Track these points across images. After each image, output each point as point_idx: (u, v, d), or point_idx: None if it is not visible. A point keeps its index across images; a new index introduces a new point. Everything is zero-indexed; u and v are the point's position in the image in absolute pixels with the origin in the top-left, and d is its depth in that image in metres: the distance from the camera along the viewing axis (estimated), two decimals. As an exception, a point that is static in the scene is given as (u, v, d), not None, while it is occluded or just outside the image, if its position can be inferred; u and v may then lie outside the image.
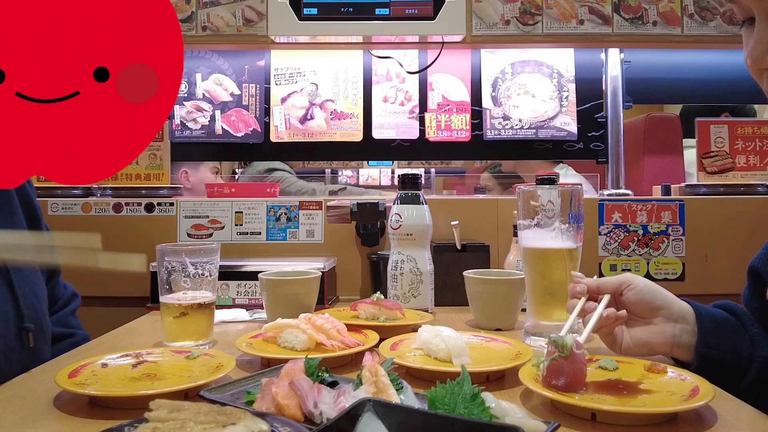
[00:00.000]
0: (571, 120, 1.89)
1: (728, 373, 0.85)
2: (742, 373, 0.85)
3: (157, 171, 1.66)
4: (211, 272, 1.05)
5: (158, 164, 1.66)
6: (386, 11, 1.64)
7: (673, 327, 0.89)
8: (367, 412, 0.53)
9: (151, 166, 1.66)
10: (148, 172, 1.66)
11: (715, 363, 0.85)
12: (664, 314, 0.90)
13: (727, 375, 0.84)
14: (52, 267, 1.20)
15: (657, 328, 0.89)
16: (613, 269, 1.55)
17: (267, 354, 0.91)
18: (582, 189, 1.02)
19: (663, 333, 0.89)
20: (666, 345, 0.89)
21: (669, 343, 0.89)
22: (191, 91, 1.92)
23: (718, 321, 0.89)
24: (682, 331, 0.89)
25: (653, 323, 0.90)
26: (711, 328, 0.87)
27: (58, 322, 1.19)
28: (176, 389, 0.74)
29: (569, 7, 1.73)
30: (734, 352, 0.86)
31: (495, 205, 1.57)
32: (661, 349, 0.89)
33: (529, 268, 1.04)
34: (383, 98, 1.93)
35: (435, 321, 1.14)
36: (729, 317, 0.90)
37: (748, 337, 0.88)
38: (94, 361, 0.85)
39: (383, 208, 1.49)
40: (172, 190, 1.66)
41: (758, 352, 0.85)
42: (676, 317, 0.89)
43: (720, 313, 0.91)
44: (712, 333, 0.87)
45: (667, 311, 0.90)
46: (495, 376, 0.84)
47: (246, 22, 1.72)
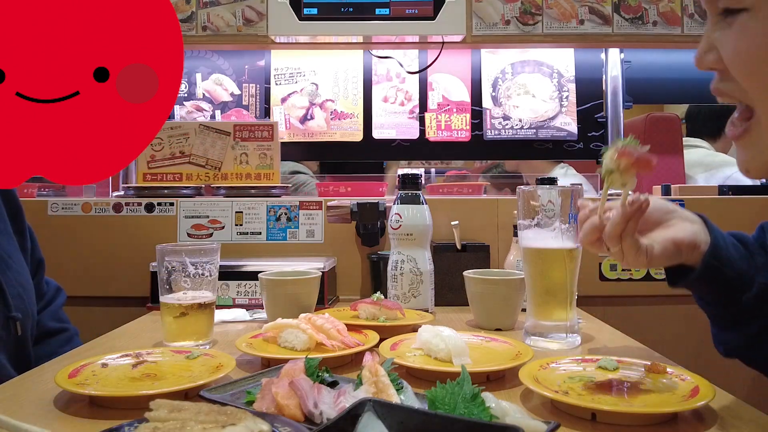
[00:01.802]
0: (571, 120, 1.90)
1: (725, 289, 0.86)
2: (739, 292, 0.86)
3: (268, 170, 1.68)
4: (211, 272, 1.05)
5: (268, 164, 1.68)
6: (386, 11, 1.64)
7: (692, 225, 0.89)
8: (367, 412, 0.53)
9: (261, 166, 1.68)
10: (259, 172, 1.68)
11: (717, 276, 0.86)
12: (678, 215, 0.90)
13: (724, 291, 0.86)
14: (36, 262, 1.22)
15: (677, 226, 0.88)
16: (613, 269, 1.55)
17: (267, 354, 0.91)
18: (582, 189, 1.02)
19: (684, 229, 0.88)
20: (689, 240, 0.87)
21: (692, 239, 0.87)
22: (191, 91, 1.92)
23: (728, 241, 0.89)
24: (701, 230, 0.88)
25: (671, 225, 0.89)
26: (722, 244, 0.87)
27: (52, 317, 1.21)
28: (176, 389, 0.74)
29: (569, 7, 1.73)
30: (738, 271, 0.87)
31: (495, 205, 1.57)
32: (687, 250, 0.87)
33: (529, 268, 1.04)
34: (383, 98, 1.93)
35: (435, 321, 1.14)
36: (737, 243, 0.91)
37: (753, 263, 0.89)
38: (94, 361, 0.85)
39: (383, 208, 1.49)
40: (282, 189, 1.68)
41: (758, 278, 0.86)
42: (690, 219, 0.90)
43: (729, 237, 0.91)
44: (723, 248, 0.87)
45: (680, 213, 0.90)
46: (495, 376, 0.84)
47: (246, 22, 1.72)
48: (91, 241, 1.56)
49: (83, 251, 1.55)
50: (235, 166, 1.68)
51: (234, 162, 1.68)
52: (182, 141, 1.67)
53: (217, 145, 1.66)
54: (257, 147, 1.68)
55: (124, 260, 1.54)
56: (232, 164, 1.68)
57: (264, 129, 1.69)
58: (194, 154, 1.67)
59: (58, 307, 1.25)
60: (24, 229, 1.18)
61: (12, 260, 1.09)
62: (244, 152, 1.68)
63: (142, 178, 1.68)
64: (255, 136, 1.68)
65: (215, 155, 1.66)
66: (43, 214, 1.55)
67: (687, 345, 1.51)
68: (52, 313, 1.22)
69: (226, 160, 1.68)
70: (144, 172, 1.68)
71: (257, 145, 1.68)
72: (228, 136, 1.68)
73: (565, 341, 1.01)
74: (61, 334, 1.22)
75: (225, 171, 1.68)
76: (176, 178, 1.68)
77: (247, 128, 1.69)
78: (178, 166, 1.68)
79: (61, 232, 1.55)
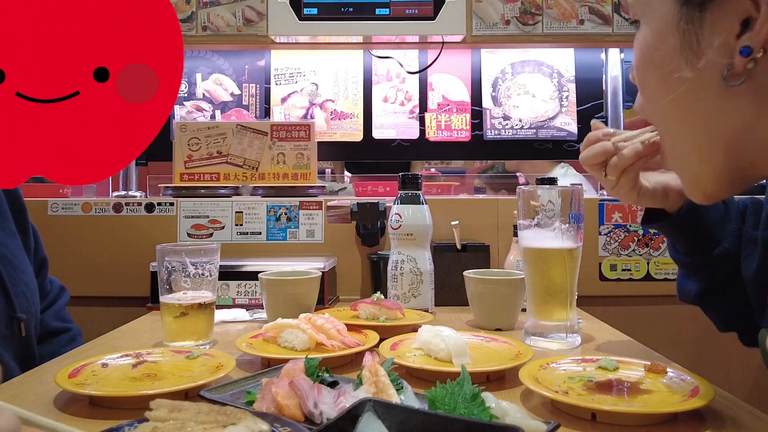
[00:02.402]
0: (571, 120, 1.89)
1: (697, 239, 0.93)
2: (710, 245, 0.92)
3: (305, 170, 1.68)
4: (212, 272, 1.05)
5: (305, 163, 1.68)
6: (386, 11, 1.64)
7: None
8: (367, 412, 0.53)
9: (298, 166, 1.68)
10: (296, 171, 1.68)
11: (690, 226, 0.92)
12: None
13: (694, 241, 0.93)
14: (40, 261, 1.22)
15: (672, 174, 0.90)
16: (614, 269, 1.55)
17: (267, 354, 0.91)
18: (582, 189, 1.02)
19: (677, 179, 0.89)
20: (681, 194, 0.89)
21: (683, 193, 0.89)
22: (191, 91, 1.92)
23: None
24: None
25: (667, 171, 0.91)
26: None
27: (55, 317, 1.21)
28: (176, 389, 0.74)
29: (569, 7, 1.73)
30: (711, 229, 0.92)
31: (495, 205, 1.57)
32: (674, 196, 0.90)
33: (529, 268, 1.04)
34: (383, 98, 1.93)
35: (435, 321, 1.14)
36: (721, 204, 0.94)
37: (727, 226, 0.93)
38: (94, 361, 0.85)
39: (383, 208, 1.49)
40: (319, 189, 1.68)
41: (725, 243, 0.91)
42: None
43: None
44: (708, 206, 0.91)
45: None
46: (495, 376, 0.84)
47: (246, 22, 1.72)
48: (91, 241, 1.56)
49: (83, 251, 1.55)
50: (272, 166, 1.68)
51: (271, 162, 1.68)
52: (220, 141, 1.68)
53: (254, 145, 1.66)
54: (294, 147, 1.68)
55: (124, 260, 1.54)
56: (269, 164, 1.68)
57: (301, 129, 1.69)
58: (231, 154, 1.68)
59: (61, 306, 1.25)
60: (27, 229, 1.18)
61: (16, 259, 1.09)
62: (281, 152, 1.68)
63: (179, 178, 1.68)
64: (292, 136, 1.68)
65: (252, 155, 1.67)
66: (43, 214, 1.55)
67: (687, 345, 1.51)
68: (55, 312, 1.23)
69: (263, 160, 1.68)
70: (181, 171, 1.68)
71: (294, 145, 1.68)
72: (265, 136, 1.68)
73: (565, 341, 1.01)
74: (64, 333, 1.22)
75: (262, 171, 1.68)
76: (213, 178, 1.68)
77: (284, 128, 1.69)
78: (216, 166, 1.68)
79: (61, 232, 1.55)
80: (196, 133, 1.67)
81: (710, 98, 0.65)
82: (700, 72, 0.65)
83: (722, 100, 0.65)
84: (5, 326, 1.02)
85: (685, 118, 0.70)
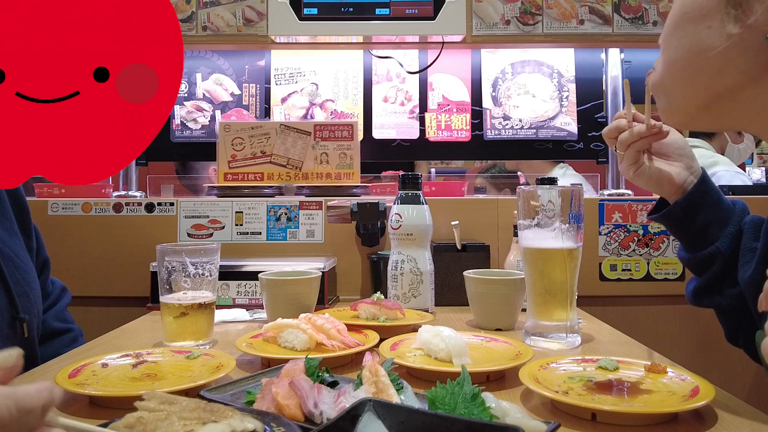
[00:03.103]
0: (571, 120, 1.89)
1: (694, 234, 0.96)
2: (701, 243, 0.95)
3: (348, 170, 1.68)
4: (212, 272, 1.05)
5: (348, 163, 1.68)
6: (386, 11, 1.64)
7: (688, 176, 0.97)
8: (367, 412, 0.53)
9: (341, 165, 1.68)
10: (339, 171, 1.68)
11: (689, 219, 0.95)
12: (686, 162, 0.98)
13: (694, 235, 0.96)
14: (42, 262, 1.22)
15: (677, 170, 0.97)
16: (614, 269, 1.55)
17: (267, 354, 0.91)
18: (582, 189, 1.02)
19: (679, 175, 0.96)
20: (676, 185, 0.96)
21: (679, 185, 0.96)
22: (191, 91, 1.92)
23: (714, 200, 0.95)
24: (692, 184, 0.97)
25: (675, 165, 0.97)
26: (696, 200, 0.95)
27: (57, 317, 1.21)
28: (176, 389, 0.74)
29: (569, 7, 1.73)
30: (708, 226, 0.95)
31: (495, 205, 1.57)
32: (670, 186, 0.96)
33: (530, 268, 1.04)
34: (383, 98, 1.93)
35: (435, 321, 1.14)
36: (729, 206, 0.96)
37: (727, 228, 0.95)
38: (94, 361, 0.85)
39: (383, 208, 1.49)
40: (362, 188, 1.68)
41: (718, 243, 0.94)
42: (694, 171, 0.98)
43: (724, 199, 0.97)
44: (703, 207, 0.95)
45: (690, 162, 0.98)
46: (495, 376, 0.84)
47: (246, 22, 1.72)
48: (91, 241, 1.56)
49: (83, 251, 1.55)
50: (315, 165, 1.69)
51: (314, 162, 1.68)
52: (263, 141, 1.68)
53: (297, 145, 1.66)
54: (337, 147, 1.69)
55: (124, 260, 1.54)
56: (313, 164, 1.69)
57: (344, 129, 1.69)
58: (275, 153, 1.68)
59: (63, 307, 1.25)
60: (30, 229, 1.18)
61: (19, 260, 1.09)
62: (325, 152, 1.68)
63: (223, 178, 1.68)
64: (335, 136, 1.69)
65: (296, 155, 1.67)
66: (43, 214, 1.55)
67: (687, 345, 1.51)
68: (56, 313, 1.22)
69: (306, 159, 1.69)
70: (225, 171, 1.68)
71: (337, 145, 1.69)
72: (308, 136, 1.69)
73: (565, 341, 1.01)
74: (66, 334, 1.22)
75: (306, 171, 1.69)
76: (257, 178, 1.69)
77: (327, 128, 1.69)
78: (260, 166, 1.68)
79: (61, 232, 1.55)
80: (240, 133, 1.68)
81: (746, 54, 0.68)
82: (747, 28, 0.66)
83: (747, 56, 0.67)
84: (8, 327, 1.02)
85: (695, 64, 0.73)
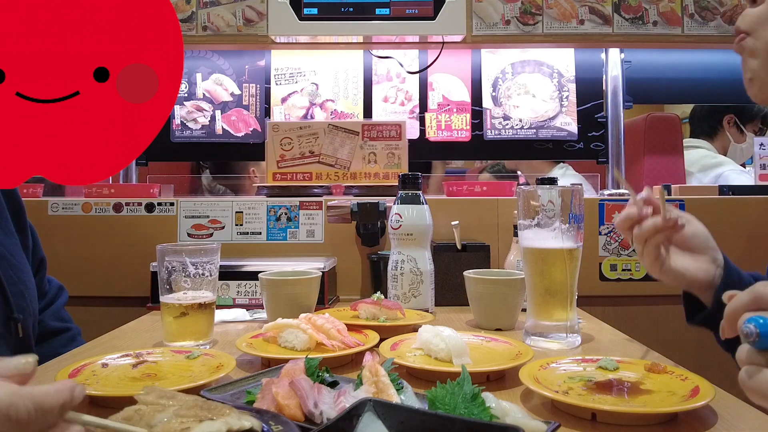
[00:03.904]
0: (571, 120, 1.90)
1: None
2: None
3: (396, 170, 1.69)
4: (212, 272, 1.05)
5: (396, 163, 1.69)
6: (386, 11, 1.64)
7: (716, 270, 0.93)
8: (367, 412, 0.53)
9: (389, 165, 1.69)
10: (387, 171, 1.69)
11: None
12: (712, 255, 0.94)
13: None
14: (38, 260, 1.22)
15: (703, 264, 0.93)
16: (614, 269, 1.55)
17: (267, 354, 0.91)
18: (582, 189, 1.02)
19: (707, 270, 0.93)
20: (705, 282, 0.92)
21: (708, 282, 0.92)
22: (191, 91, 1.92)
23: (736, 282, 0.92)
24: (719, 277, 0.93)
25: (700, 260, 0.93)
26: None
27: (54, 317, 1.21)
28: (176, 389, 0.74)
29: (569, 7, 1.73)
30: None
31: (495, 205, 1.57)
32: (698, 283, 0.93)
33: (530, 268, 1.04)
34: (383, 98, 1.93)
35: (435, 321, 1.14)
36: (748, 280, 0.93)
37: None
38: (94, 361, 0.85)
39: (383, 208, 1.49)
40: None
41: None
42: (719, 263, 0.94)
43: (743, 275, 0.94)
44: None
45: (715, 255, 0.94)
46: (495, 376, 0.84)
47: (246, 22, 1.72)
48: (91, 241, 1.56)
49: (83, 251, 1.55)
50: (363, 165, 1.69)
51: (362, 161, 1.69)
52: (312, 141, 1.69)
53: (346, 145, 1.67)
54: (385, 146, 1.69)
55: (124, 260, 1.54)
56: (361, 164, 1.69)
57: (392, 128, 1.70)
58: (324, 153, 1.69)
59: (60, 306, 1.25)
60: (25, 228, 1.18)
61: (14, 258, 1.09)
62: (372, 152, 1.69)
63: (272, 177, 1.69)
64: (383, 136, 1.69)
65: (344, 155, 1.68)
66: (43, 213, 1.55)
67: (687, 345, 1.51)
68: (54, 312, 1.22)
69: (354, 159, 1.69)
70: (274, 171, 1.69)
71: (385, 145, 1.69)
72: (357, 136, 1.69)
73: (565, 341, 1.01)
74: (64, 333, 1.22)
75: (354, 170, 1.69)
76: (306, 178, 1.69)
77: (375, 128, 1.70)
78: (308, 166, 1.69)
79: (61, 232, 1.55)
80: (288, 133, 1.69)
81: None
82: None
83: None
84: (2, 326, 1.01)
85: None
